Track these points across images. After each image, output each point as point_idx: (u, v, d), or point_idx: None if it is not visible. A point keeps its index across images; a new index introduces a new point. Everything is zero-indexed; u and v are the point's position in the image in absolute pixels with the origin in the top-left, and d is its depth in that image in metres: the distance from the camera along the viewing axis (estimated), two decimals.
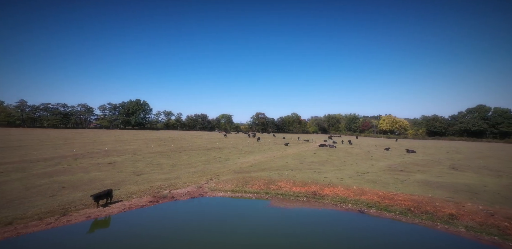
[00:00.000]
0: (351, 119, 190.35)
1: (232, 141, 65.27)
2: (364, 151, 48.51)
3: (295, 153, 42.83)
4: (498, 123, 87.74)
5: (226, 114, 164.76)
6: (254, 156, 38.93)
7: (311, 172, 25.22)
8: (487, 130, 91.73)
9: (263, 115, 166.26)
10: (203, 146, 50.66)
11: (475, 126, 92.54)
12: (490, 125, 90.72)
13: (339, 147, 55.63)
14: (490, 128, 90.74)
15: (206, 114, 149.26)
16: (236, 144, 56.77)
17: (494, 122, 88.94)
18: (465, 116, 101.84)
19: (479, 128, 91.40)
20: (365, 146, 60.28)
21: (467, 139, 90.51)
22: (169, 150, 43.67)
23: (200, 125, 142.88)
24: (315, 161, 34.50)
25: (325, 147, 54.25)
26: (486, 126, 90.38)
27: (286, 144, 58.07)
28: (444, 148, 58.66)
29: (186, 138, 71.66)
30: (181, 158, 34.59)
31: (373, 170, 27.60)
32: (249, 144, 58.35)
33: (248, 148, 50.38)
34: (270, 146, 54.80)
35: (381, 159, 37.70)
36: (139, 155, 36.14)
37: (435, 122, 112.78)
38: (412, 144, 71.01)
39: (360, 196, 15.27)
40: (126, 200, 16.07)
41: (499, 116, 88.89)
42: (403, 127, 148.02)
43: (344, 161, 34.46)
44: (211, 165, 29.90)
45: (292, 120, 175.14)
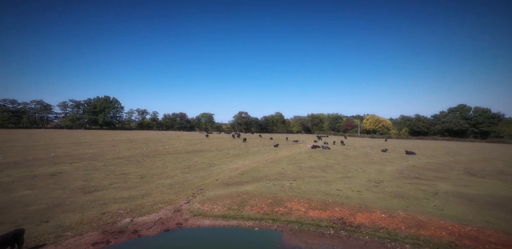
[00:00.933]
0: (334, 119, 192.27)
1: (215, 142, 59.38)
2: (360, 153, 45.50)
3: (288, 156, 38.38)
4: (478, 123, 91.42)
5: (207, 113, 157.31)
6: (243, 160, 33.75)
7: (317, 182, 20.71)
8: (468, 130, 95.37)
9: (246, 115, 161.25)
10: (182, 149, 44.34)
11: (457, 126, 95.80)
12: (471, 124, 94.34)
13: (332, 148, 52.34)
14: (471, 128, 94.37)
15: (185, 113, 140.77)
16: (221, 146, 51.10)
17: (475, 122, 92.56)
18: (447, 116, 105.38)
19: (461, 127, 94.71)
20: (358, 147, 57.76)
21: (450, 139, 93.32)
22: (140, 154, 36.92)
23: (178, 124, 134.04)
24: (314, 165, 30.24)
25: (318, 149, 50.63)
26: (467, 126, 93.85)
27: (275, 145, 53.58)
28: (439, 149, 57.98)
29: (163, 139, 64.31)
30: (155, 165, 28.34)
31: (385, 177, 23.84)
32: (235, 145, 53.00)
33: (235, 150, 45.03)
34: (259, 148, 49.94)
35: (384, 162, 34.49)
36: (100, 162, 29.22)
37: (418, 122, 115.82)
38: (403, 144, 70.35)
39: (417, 230, 10.61)
40: (52, 243, 10.05)
41: (480, 116, 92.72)
42: (386, 126, 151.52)
43: (346, 166, 30.59)
44: (192, 173, 24.20)
45: (276, 120, 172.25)
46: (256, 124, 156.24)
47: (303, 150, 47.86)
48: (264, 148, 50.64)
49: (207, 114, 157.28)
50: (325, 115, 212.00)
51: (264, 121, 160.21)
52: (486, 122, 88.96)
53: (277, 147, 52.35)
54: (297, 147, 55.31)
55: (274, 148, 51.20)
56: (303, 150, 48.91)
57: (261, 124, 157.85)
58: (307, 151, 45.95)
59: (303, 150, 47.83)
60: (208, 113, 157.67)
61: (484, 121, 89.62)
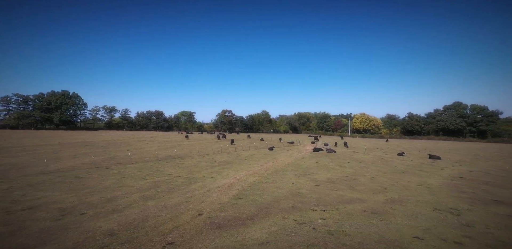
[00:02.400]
0: (322, 118, 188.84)
1: (196, 144, 50.20)
2: (374, 157, 38.97)
3: (291, 163, 30.69)
4: (476, 122, 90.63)
5: (187, 112, 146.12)
6: (235, 170, 25.40)
7: (361, 214, 13.26)
8: (465, 128, 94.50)
9: (230, 113, 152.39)
10: (152, 155, 34.91)
11: (453, 124, 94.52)
12: (468, 123, 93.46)
13: (338, 151, 45.44)
14: (468, 126, 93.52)
15: (161, 112, 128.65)
16: (204, 150, 42.18)
17: (472, 120, 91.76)
18: (442, 114, 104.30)
19: (458, 126, 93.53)
20: (365, 149, 51.54)
21: (447, 138, 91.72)
22: (91, 163, 27.11)
23: (154, 124, 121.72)
24: (333, 178, 22.81)
25: (322, 152, 43.54)
26: (464, 124, 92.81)
27: (271, 148, 45.65)
28: (455, 151, 53.42)
29: (130, 141, 53.82)
30: (101, 184, 19.05)
31: (447, 199, 16.97)
32: (222, 148, 44.31)
33: (222, 155, 36.42)
34: (251, 152, 41.72)
35: (415, 171, 27.86)
36: (8, 181, 19.21)
37: (411, 120, 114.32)
38: (409, 146, 65.72)
39: None
40: None
41: (477, 114, 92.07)
42: (377, 125, 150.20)
43: (374, 178, 23.44)
44: (160, 199, 15.50)
45: (263, 119, 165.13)
46: (241, 123, 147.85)
47: (304, 154, 40.46)
48: (257, 151, 42.50)
49: (187, 112, 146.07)
50: (312, 114, 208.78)
51: (249, 120, 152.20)
52: (484, 121, 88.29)
53: (273, 150, 44.47)
54: (296, 149, 47.86)
55: (269, 151, 43.25)
56: (304, 153, 41.53)
57: (247, 123, 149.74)
58: (310, 155, 38.60)
59: (305, 154, 40.44)
60: (188, 111, 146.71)
61: (482, 120, 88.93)
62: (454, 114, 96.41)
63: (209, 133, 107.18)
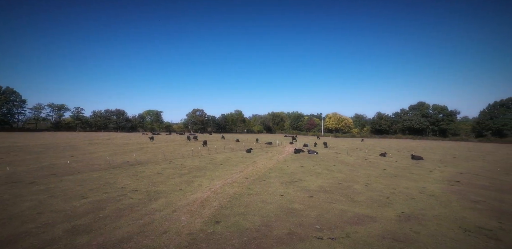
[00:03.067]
0: (296, 117, 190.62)
1: (163, 147, 44.18)
2: (358, 158, 37.38)
3: (274, 168, 27.21)
4: (438, 121, 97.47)
5: (153, 111, 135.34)
6: (209, 179, 20.98)
7: (381, 243, 9.98)
8: (429, 127, 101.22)
9: (202, 113, 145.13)
10: (104, 161, 28.59)
11: (418, 124, 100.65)
12: (431, 122, 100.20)
13: (319, 152, 43.22)
14: (431, 125, 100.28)
15: (123, 110, 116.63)
16: (171, 153, 36.63)
17: (434, 119, 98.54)
18: (408, 114, 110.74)
19: (422, 125, 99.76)
20: (345, 149, 50.33)
21: (413, 137, 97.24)
22: (7, 176, 20.25)
23: (114, 124, 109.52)
24: (324, 186, 19.85)
25: (303, 153, 40.87)
26: (427, 123, 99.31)
27: (248, 150, 41.67)
28: (428, 150, 54.88)
29: (80, 144, 45.58)
30: (15, 208, 13.29)
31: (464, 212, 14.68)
32: (193, 151, 39.09)
33: (193, 160, 31.45)
34: (227, 155, 37.32)
35: (406, 174, 26.29)
36: None
37: (380, 120, 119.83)
38: (382, 145, 66.88)
39: None
40: None
41: (438, 114, 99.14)
42: (348, 125, 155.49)
43: (368, 184, 21.00)
44: (96, 231, 10.67)
45: (236, 118, 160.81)
46: (214, 123, 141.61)
47: (286, 156, 37.32)
48: (234, 154, 38.20)
49: (153, 111, 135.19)
50: (286, 114, 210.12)
51: (222, 120, 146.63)
52: (445, 120, 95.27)
53: (250, 153, 40.57)
54: (275, 151, 44.59)
55: (247, 154, 39.26)
56: (285, 155, 38.39)
57: (219, 123, 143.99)
58: (292, 158, 35.55)
59: (286, 156, 37.32)
60: (155, 110, 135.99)
61: (443, 119, 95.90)
62: (419, 114, 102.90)
63: (178, 134, 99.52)
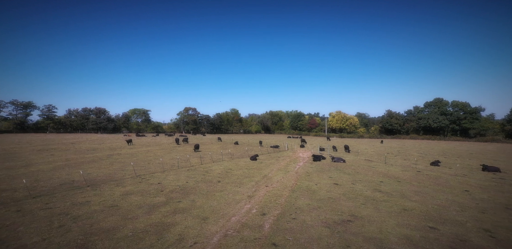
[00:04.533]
0: (296, 116, 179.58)
1: (141, 153, 33.81)
2: (408, 170, 27.63)
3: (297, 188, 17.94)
4: (459, 119, 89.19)
5: (140, 109, 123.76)
6: (200, 217, 11.04)
7: None
8: (448, 126, 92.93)
9: (194, 112, 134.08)
10: (32, 181, 17.92)
11: (436, 122, 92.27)
12: (451, 120, 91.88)
13: (346, 158, 33.48)
14: (451, 124, 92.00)
15: (104, 109, 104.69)
16: (148, 164, 26.25)
17: (455, 117, 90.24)
18: (423, 112, 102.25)
19: (440, 124, 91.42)
20: (376, 155, 40.71)
21: (432, 137, 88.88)
22: None
23: (94, 124, 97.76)
24: (412, 236, 9.77)
25: (324, 161, 31.15)
26: (447, 122, 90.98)
27: (253, 158, 31.57)
28: (478, 154, 45.65)
29: (26, 151, 34.88)
30: None
31: None
32: (180, 160, 28.69)
33: (178, 174, 21.18)
34: (226, 165, 27.16)
35: None
36: None
37: (391, 118, 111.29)
38: (411, 148, 57.59)
39: None
40: None
41: (460, 111, 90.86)
42: (354, 124, 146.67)
43: (493, 233, 11.13)
44: None
45: (232, 118, 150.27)
46: (208, 123, 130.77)
47: (305, 166, 27.61)
48: (235, 163, 28.12)
49: (139, 110, 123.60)
50: (284, 113, 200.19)
51: (217, 119, 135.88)
52: (468, 118, 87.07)
53: (256, 161, 30.55)
54: (287, 157, 34.71)
55: (252, 162, 29.26)
56: (303, 164, 28.63)
57: (214, 123, 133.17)
58: (315, 169, 25.84)
59: (305, 166, 27.60)
60: (142, 109, 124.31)
61: (465, 117, 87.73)
62: (436, 112, 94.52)
63: (167, 135, 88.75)
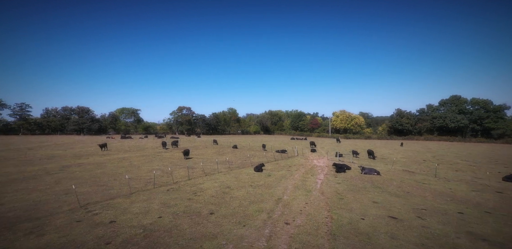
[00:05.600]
0: (297, 116, 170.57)
1: (111, 163, 25.61)
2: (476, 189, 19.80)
3: (335, 228, 9.06)
4: (481, 118, 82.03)
5: (129, 109, 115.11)
6: None
7: None
8: (468, 126, 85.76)
9: (189, 111, 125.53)
10: None
11: (454, 122, 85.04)
12: (471, 120, 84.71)
13: (379, 169, 25.58)
14: (471, 124, 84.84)
15: (88, 108, 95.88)
16: (111, 180, 18.05)
17: (476, 116, 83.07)
18: (438, 110, 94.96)
19: (459, 124, 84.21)
20: (410, 162, 32.89)
21: (450, 138, 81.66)
22: None
23: (75, 124, 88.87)
24: None
25: (349, 172, 23.27)
26: (466, 122, 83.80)
27: (258, 168, 23.48)
28: None
29: None
30: None
31: None
32: (160, 174, 20.37)
33: (149, 201, 13.02)
34: (222, 180, 19.01)
35: None
36: None
37: (401, 118, 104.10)
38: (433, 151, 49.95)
39: None
40: None
41: (481, 109, 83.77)
42: (359, 124, 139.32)
43: None
44: None
45: (229, 117, 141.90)
46: (204, 123, 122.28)
47: (328, 181, 19.71)
48: (235, 177, 20.03)
49: (128, 110, 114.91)
50: (284, 113, 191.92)
51: (213, 119, 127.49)
52: (492, 117, 79.82)
53: (262, 172, 22.47)
54: (301, 167, 26.72)
55: (258, 175, 21.23)
56: (323, 177, 20.72)
57: (210, 123, 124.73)
58: (345, 187, 18.20)
59: (328, 181, 19.70)
60: (131, 108, 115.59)
61: (488, 116, 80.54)
62: (454, 110, 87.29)
63: (157, 137, 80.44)
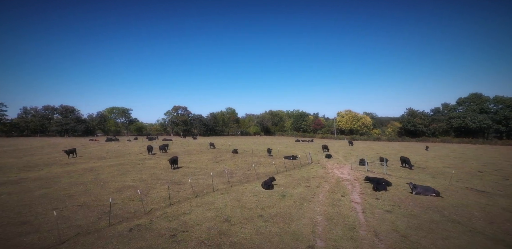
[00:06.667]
0: (299, 116, 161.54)
1: (68, 178, 17.92)
2: None
3: None
4: (507, 118, 74.79)
5: (119, 108, 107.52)
6: None
7: None
8: (491, 127, 78.40)
9: (185, 111, 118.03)
10: None
11: (475, 122, 77.80)
12: (494, 120, 77.45)
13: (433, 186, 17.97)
14: (495, 125, 77.52)
15: (73, 107, 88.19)
16: (46, 211, 10.10)
17: (501, 116, 75.82)
18: (456, 110, 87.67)
19: (481, 124, 76.93)
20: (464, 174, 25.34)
21: (473, 141, 74.27)
22: None
23: (58, 125, 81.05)
24: None
25: (393, 191, 15.59)
26: (489, 122, 76.53)
27: (268, 185, 16.24)
28: None
29: None
30: None
31: None
32: (111, 202, 12.74)
33: None
34: (218, 206, 11.39)
35: None
36: None
37: (413, 118, 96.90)
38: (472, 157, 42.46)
39: None
40: None
41: (507, 108, 76.45)
42: (366, 124, 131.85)
43: None
44: None
45: (228, 118, 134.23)
46: (200, 124, 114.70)
47: (372, 207, 11.81)
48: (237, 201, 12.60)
49: (119, 109, 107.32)
50: (285, 113, 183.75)
51: (211, 120, 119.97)
52: None
53: (271, 189, 15.07)
54: (321, 179, 19.22)
55: (266, 195, 13.78)
56: (362, 201, 12.90)
57: (207, 124, 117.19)
58: (406, 220, 10.07)
59: (372, 207, 11.88)
60: (121, 108, 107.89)
61: None
62: (475, 109, 79.99)
63: (149, 139, 73.03)
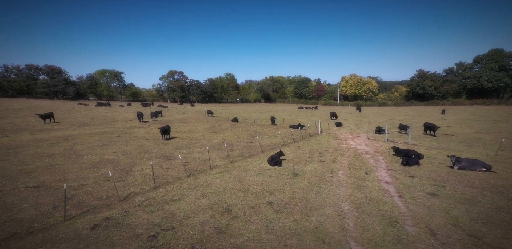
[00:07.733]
0: (301, 82, 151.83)
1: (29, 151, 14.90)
2: None
3: None
4: None
5: (111, 71, 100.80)
6: None
7: None
8: (509, 86, 72.85)
9: (181, 76, 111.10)
10: None
11: (491, 81, 72.09)
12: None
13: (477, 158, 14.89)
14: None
15: (60, 68, 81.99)
16: None
17: None
18: (471, 69, 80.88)
19: (498, 83, 71.23)
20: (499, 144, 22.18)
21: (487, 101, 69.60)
22: None
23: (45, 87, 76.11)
24: None
25: (430, 167, 12.56)
26: (507, 80, 70.80)
27: (275, 161, 13.49)
28: None
29: None
30: None
31: None
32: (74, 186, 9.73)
33: None
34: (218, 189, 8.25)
35: None
36: None
37: (423, 80, 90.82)
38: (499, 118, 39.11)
39: None
40: None
41: None
42: (372, 89, 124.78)
43: None
44: None
45: (227, 84, 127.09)
46: (198, 90, 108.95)
47: (412, 190, 9.18)
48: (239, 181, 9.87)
49: (110, 72, 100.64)
50: (286, 79, 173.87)
51: (209, 86, 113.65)
52: None
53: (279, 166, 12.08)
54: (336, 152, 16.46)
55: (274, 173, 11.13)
56: (392, 181, 10.26)
57: (205, 90, 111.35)
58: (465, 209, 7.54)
59: (412, 189, 9.24)
60: (113, 70, 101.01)
61: None
62: (494, 67, 73.39)
63: (143, 105, 69.17)
